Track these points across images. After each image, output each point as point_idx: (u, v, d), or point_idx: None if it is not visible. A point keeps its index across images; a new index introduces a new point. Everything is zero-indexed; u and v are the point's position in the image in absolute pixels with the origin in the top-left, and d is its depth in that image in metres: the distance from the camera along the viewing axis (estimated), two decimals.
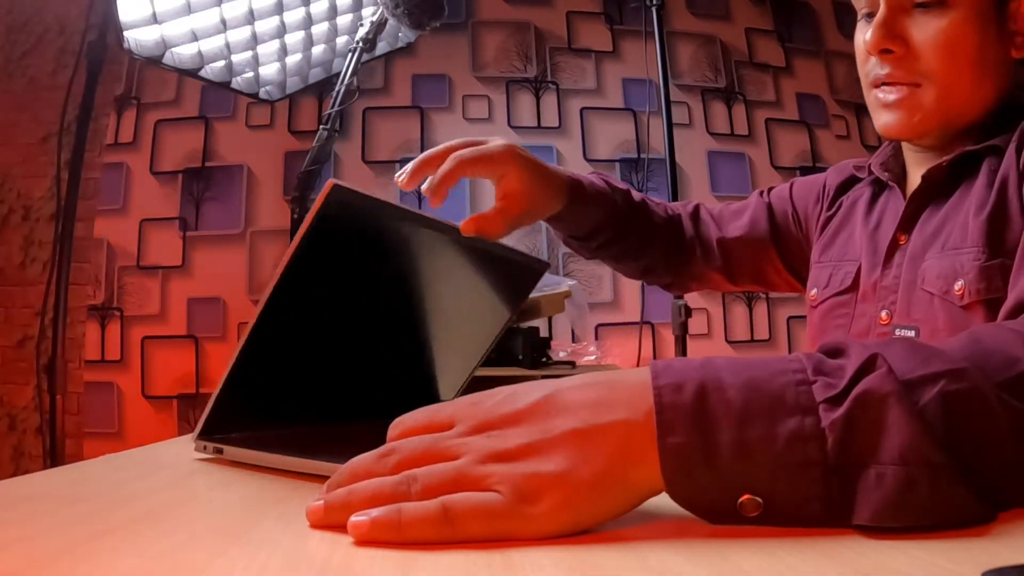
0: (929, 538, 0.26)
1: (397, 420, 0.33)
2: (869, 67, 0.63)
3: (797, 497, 0.27)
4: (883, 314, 0.66)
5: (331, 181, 0.43)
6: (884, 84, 0.61)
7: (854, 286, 0.71)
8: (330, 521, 0.28)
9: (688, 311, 1.33)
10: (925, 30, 0.57)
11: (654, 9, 1.38)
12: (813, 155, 2.44)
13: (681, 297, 1.35)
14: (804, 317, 0.86)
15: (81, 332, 2.13)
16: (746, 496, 0.27)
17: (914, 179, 0.67)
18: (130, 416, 2.10)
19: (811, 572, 0.23)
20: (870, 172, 0.74)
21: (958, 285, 0.57)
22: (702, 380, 0.28)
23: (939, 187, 0.64)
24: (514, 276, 0.68)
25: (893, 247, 0.67)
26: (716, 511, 0.28)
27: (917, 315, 0.62)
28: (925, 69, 0.58)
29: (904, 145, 0.71)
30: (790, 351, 2.33)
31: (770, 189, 0.87)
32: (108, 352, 2.13)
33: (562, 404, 0.30)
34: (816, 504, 0.27)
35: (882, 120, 0.63)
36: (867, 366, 0.28)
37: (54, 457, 1.99)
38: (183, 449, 0.49)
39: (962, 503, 0.27)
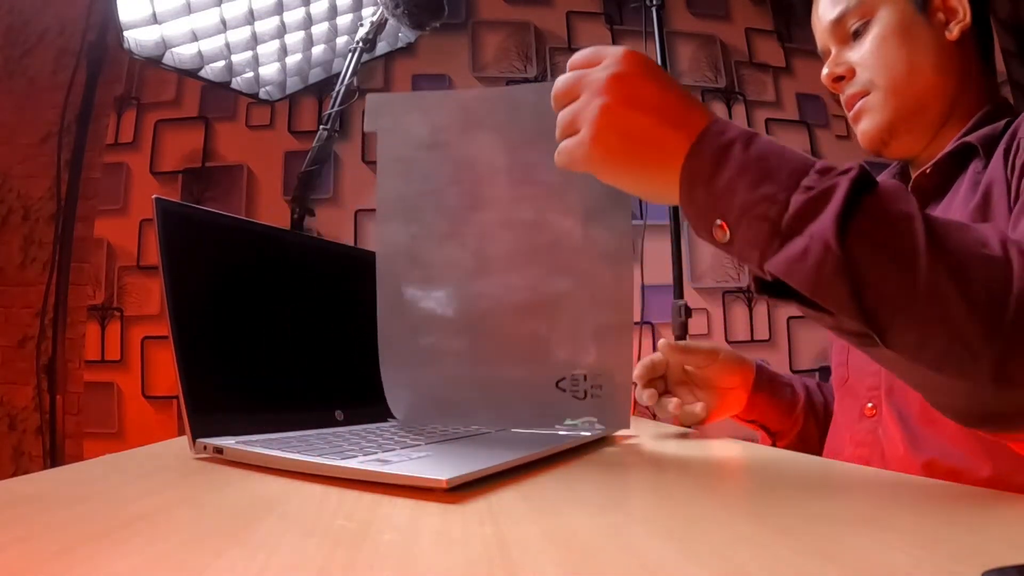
0: (929, 538, 0.26)
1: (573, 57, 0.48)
2: (842, 98, 0.74)
3: (748, 240, 0.37)
4: None
5: (153, 196, 0.51)
6: (850, 105, 0.72)
7: None
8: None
9: (688, 311, 1.32)
10: (860, 51, 0.70)
11: (654, 9, 1.37)
12: (813, 155, 2.43)
13: (681, 297, 1.35)
14: (803, 318, 0.85)
15: (81, 332, 2.13)
16: (721, 222, 0.38)
17: None
18: (130, 416, 2.10)
19: (811, 572, 0.23)
20: None
21: None
22: (736, 136, 0.38)
23: (930, 193, 0.68)
24: (373, 269, 0.74)
25: None
26: (699, 225, 0.39)
27: None
28: (868, 78, 0.70)
29: (910, 165, 0.75)
30: (790, 351, 2.33)
31: None
32: (108, 352, 2.13)
33: (643, 90, 0.42)
34: (756, 252, 0.36)
35: (858, 132, 0.73)
36: (849, 169, 0.35)
37: (54, 457, 1.99)
38: (183, 449, 0.49)
39: (846, 305, 0.33)
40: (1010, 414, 0.37)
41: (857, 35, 0.70)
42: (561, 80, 0.47)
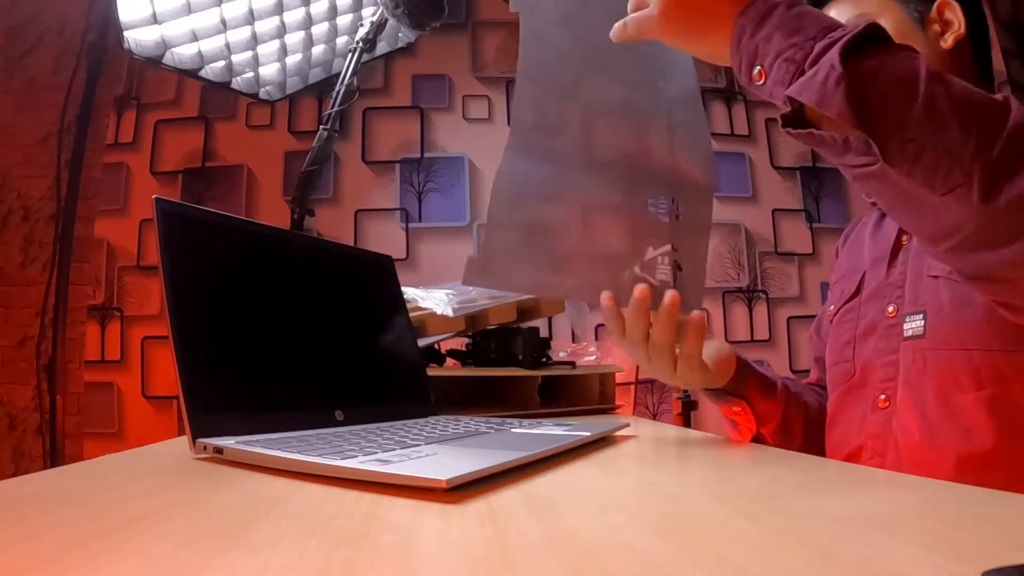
0: (929, 538, 0.26)
1: None
2: None
3: (777, 79, 0.45)
4: (890, 309, 0.71)
5: (153, 196, 0.52)
6: None
7: (858, 291, 0.77)
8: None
9: None
10: None
11: None
12: (813, 155, 2.44)
13: None
14: (803, 317, 0.88)
15: (81, 332, 2.13)
16: (760, 68, 0.45)
17: None
18: (130, 416, 2.10)
19: (811, 572, 0.23)
20: (873, 204, 0.81)
21: (935, 266, 0.65)
22: (784, 1, 0.46)
23: None
24: (372, 269, 0.78)
25: (897, 247, 0.73)
26: (743, 71, 0.47)
27: (924, 300, 0.67)
28: None
29: None
30: (790, 351, 2.33)
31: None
32: (108, 352, 2.13)
33: None
34: (781, 88, 0.44)
35: None
36: (872, 30, 0.42)
37: (54, 457, 1.99)
38: (183, 449, 0.49)
39: (841, 105, 0.40)
40: (992, 238, 0.40)
41: None
42: None
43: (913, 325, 0.67)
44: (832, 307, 0.81)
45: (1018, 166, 0.38)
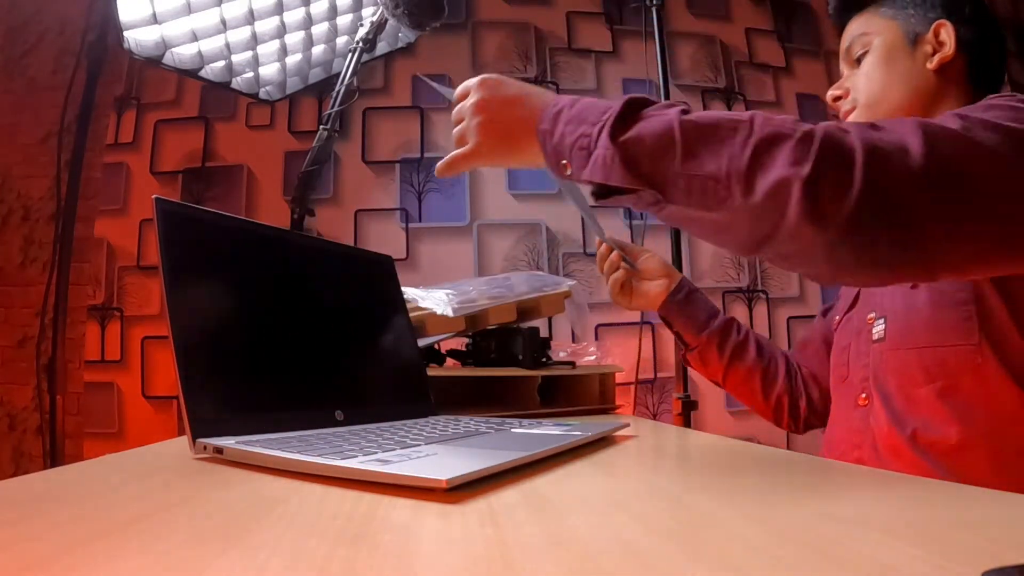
0: (929, 538, 0.26)
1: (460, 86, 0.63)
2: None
3: (578, 166, 0.52)
4: (869, 315, 0.79)
5: (153, 196, 0.53)
6: (845, 118, 0.81)
7: (855, 301, 0.84)
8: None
9: None
10: (858, 74, 0.80)
11: (654, 9, 1.37)
12: None
13: None
14: (803, 317, 0.93)
15: (81, 332, 2.13)
16: (565, 162, 0.53)
17: None
18: (130, 416, 2.10)
19: (811, 572, 0.23)
20: None
21: None
22: (564, 103, 0.55)
23: None
24: (372, 269, 0.79)
25: None
26: (555, 169, 0.54)
27: (885, 306, 0.76)
28: (854, 97, 0.80)
29: None
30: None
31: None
32: (108, 352, 2.13)
33: (500, 101, 0.59)
34: (582, 172, 0.52)
35: None
36: (624, 105, 0.51)
37: (54, 457, 1.99)
38: (183, 449, 0.49)
39: (624, 175, 0.49)
40: (770, 232, 0.46)
41: (858, 62, 0.80)
42: (454, 113, 0.62)
43: (878, 329, 0.76)
44: (837, 316, 0.88)
45: (765, 163, 0.45)
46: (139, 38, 0.94)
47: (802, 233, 0.45)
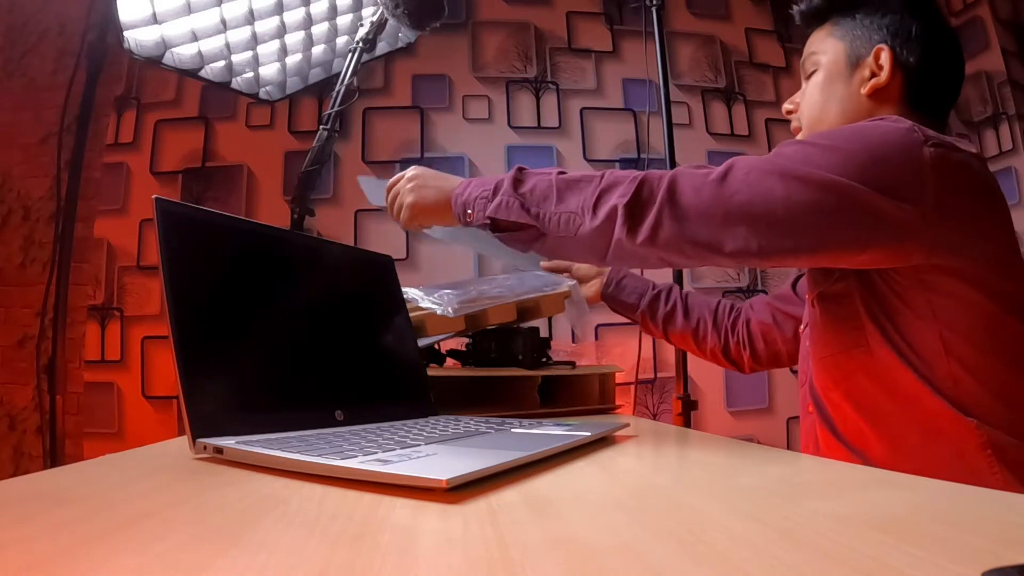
0: (929, 538, 0.26)
1: (393, 179, 0.85)
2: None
3: (479, 210, 0.72)
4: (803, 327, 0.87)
5: (153, 196, 0.53)
6: (794, 135, 0.85)
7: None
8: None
9: None
10: (804, 96, 0.84)
11: (654, 9, 1.37)
12: None
13: None
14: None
15: (81, 332, 2.13)
16: (469, 211, 0.72)
17: None
18: (130, 416, 2.10)
19: (811, 572, 0.23)
20: None
21: (807, 289, 0.81)
22: (471, 181, 0.75)
23: None
24: (373, 270, 0.80)
25: None
26: (461, 216, 0.74)
27: (806, 318, 0.84)
28: (801, 117, 0.84)
29: None
30: None
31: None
32: (108, 352, 2.13)
33: (422, 183, 0.80)
34: (482, 214, 0.71)
35: None
36: (516, 172, 0.71)
37: (54, 457, 1.99)
38: (183, 449, 0.49)
39: (520, 213, 0.69)
40: (607, 244, 0.65)
41: (810, 79, 0.84)
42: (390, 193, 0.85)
43: (807, 341, 0.83)
44: (804, 324, 0.95)
45: (604, 198, 0.64)
46: (139, 38, 0.94)
47: (629, 243, 0.63)
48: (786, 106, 0.87)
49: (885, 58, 0.76)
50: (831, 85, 0.80)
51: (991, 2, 2.49)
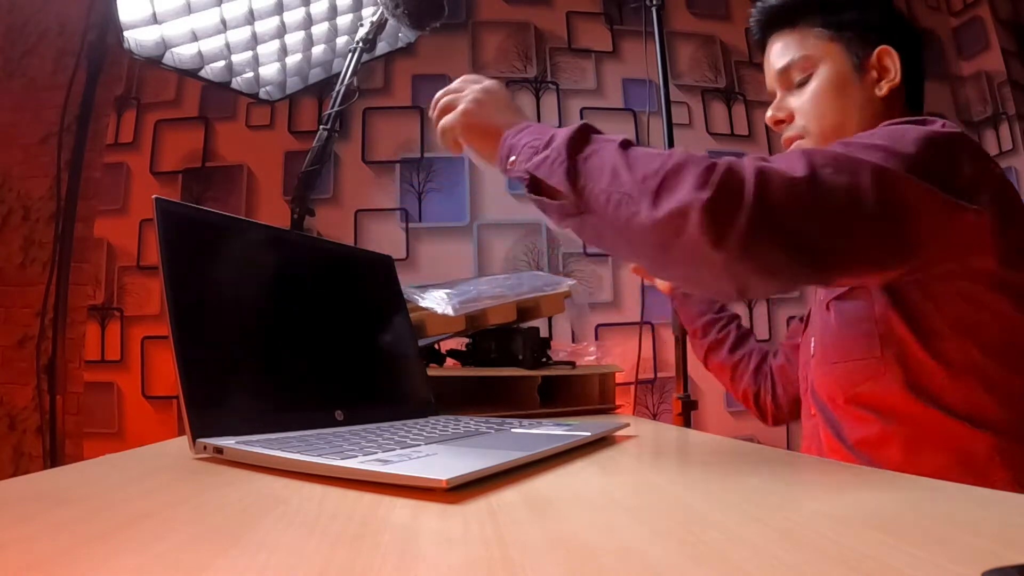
0: (929, 538, 0.26)
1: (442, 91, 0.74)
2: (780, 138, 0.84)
3: (523, 160, 0.59)
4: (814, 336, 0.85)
5: (153, 196, 0.53)
6: (786, 146, 0.80)
7: (810, 319, 0.90)
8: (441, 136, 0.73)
9: None
10: (799, 99, 0.79)
11: (654, 9, 1.37)
12: None
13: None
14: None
15: (81, 332, 2.13)
16: (513, 157, 0.61)
17: None
18: (130, 416, 2.10)
19: (811, 572, 0.23)
20: None
21: (822, 293, 0.80)
22: (531, 124, 0.64)
23: None
24: (372, 269, 0.79)
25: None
26: (503, 159, 0.63)
27: (816, 325, 0.81)
28: (803, 124, 0.79)
29: None
30: None
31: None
32: (108, 352, 2.13)
33: (488, 98, 0.70)
34: (524, 166, 0.59)
35: None
36: (583, 127, 0.58)
37: (54, 457, 1.99)
38: (183, 449, 0.49)
39: (561, 179, 0.55)
40: (667, 247, 0.51)
41: (801, 85, 0.79)
42: (456, 81, 0.75)
43: (812, 347, 0.81)
44: (804, 328, 0.93)
45: (672, 186, 0.50)
46: (139, 38, 0.94)
47: (703, 252, 0.49)
48: (774, 115, 0.82)
49: (892, 58, 0.75)
50: (844, 92, 0.76)
51: (991, 2, 2.49)
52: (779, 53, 0.81)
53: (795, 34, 0.80)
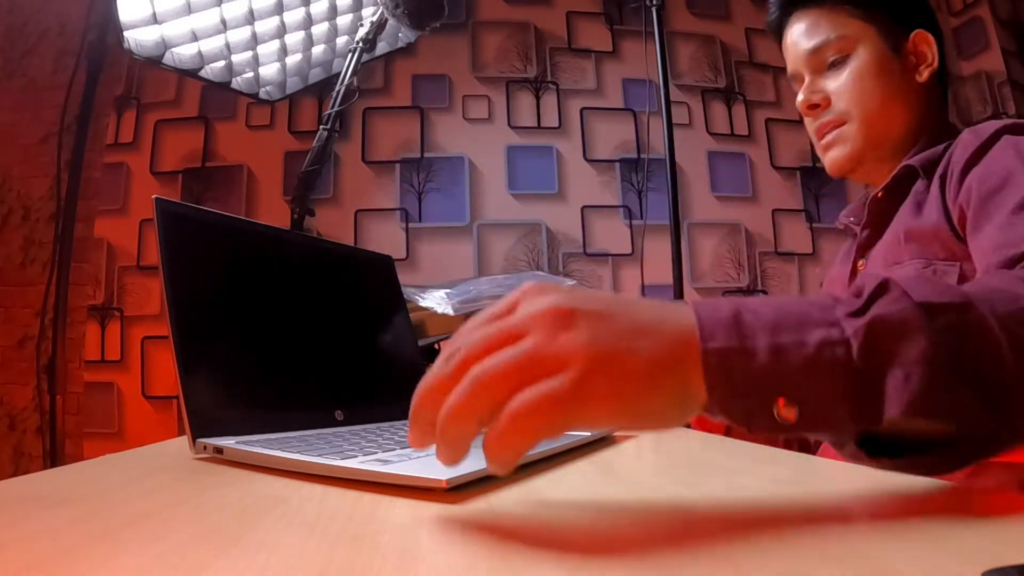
0: (929, 538, 0.26)
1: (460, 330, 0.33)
2: (810, 124, 0.78)
3: (828, 398, 0.29)
4: None
5: (153, 196, 0.52)
6: (822, 133, 0.76)
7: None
8: (419, 445, 0.31)
9: None
10: (837, 81, 0.74)
11: (654, 9, 1.37)
12: (813, 155, 2.44)
13: (681, 297, 1.36)
14: None
15: (81, 332, 2.13)
16: (781, 400, 0.29)
17: None
18: (130, 416, 2.10)
19: (810, 572, 0.23)
20: (845, 226, 0.86)
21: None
22: (736, 305, 0.31)
23: (884, 214, 0.74)
24: (372, 269, 0.79)
25: (854, 273, 0.78)
26: (754, 416, 0.29)
27: None
28: (844, 109, 0.74)
29: (868, 191, 0.81)
30: None
31: None
32: (108, 352, 2.13)
33: (618, 306, 0.31)
34: (845, 404, 0.29)
35: (827, 160, 0.78)
36: (881, 289, 0.30)
37: (54, 457, 1.99)
38: (183, 449, 0.49)
39: (972, 408, 0.29)
40: None
41: (833, 66, 0.74)
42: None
43: None
44: None
45: None
46: (139, 38, 0.94)
47: None
48: (809, 99, 0.75)
49: (929, 42, 0.72)
50: (886, 76, 0.72)
51: (991, 2, 2.49)
52: (807, 32, 0.75)
53: (824, 13, 0.74)
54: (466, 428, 0.29)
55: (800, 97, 0.77)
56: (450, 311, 0.91)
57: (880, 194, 0.74)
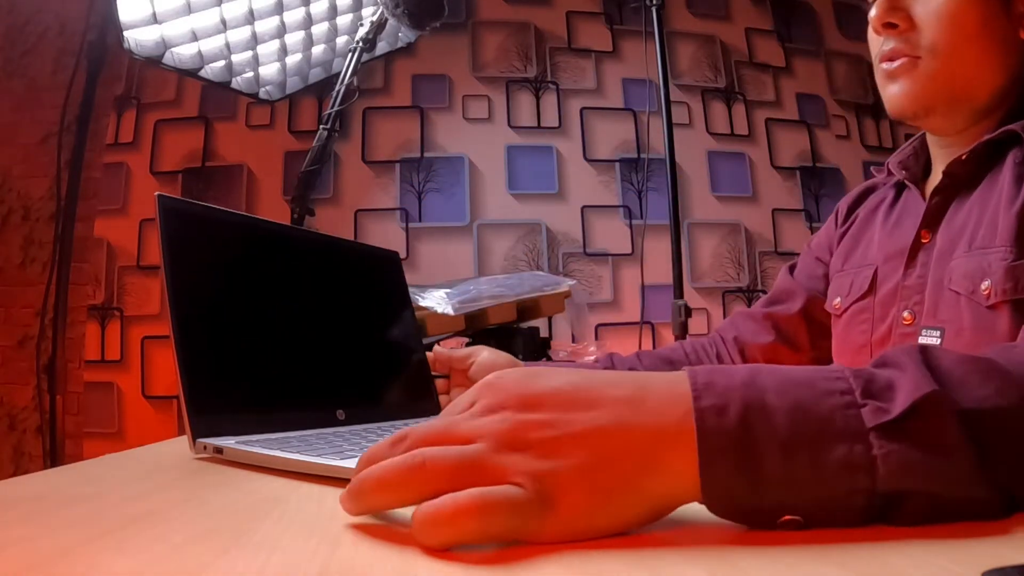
0: (929, 538, 0.26)
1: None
2: (877, 44, 0.65)
3: (839, 517, 0.27)
4: (905, 314, 0.65)
5: (156, 193, 0.52)
6: (888, 59, 0.63)
7: (871, 289, 0.71)
8: (354, 511, 0.29)
9: (688, 311, 1.32)
10: (927, 5, 0.60)
11: (654, 9, 1.37)
12: (813, 155, 2.44)
13: (681, 296, 1.35)
14: (792, 266, 0.91)
15: (81, 332, 2.13)
16: (787, 517, 0.27)
17: (938, 175, 0.66)
18: (130, 416, 2.10)
19: (810, 573, 0.23)
20: (889, 173, 0.75)
21: (984, 285, 0.56)
22: (746, 403, 0.27)
23: (963, 181, 0.63)
24: (378, 266, 0.78)
25: (916, 246, 0.66)
26: (755, 523, 0.28)
27: (944, 316, 0.61)
28: (927, 43, 0.60)
29: (929, 140, 0.70)
30: None
31: (792, 267, 0.90)
32: (108, 352, 2.13)
33: (588, 395, 0.28)
34: (857, 518, 0.27)
35: (887, 93, 0.64)
36: (921, 397, 0.26)
37: (54, 457, 1.99)
38: (183, 449, 0.49)
39: (992, 506, 0.27)
40: None
41: None
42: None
43: (929, 340, 0.61)
44: (839, 299, 0.76)
45: None
46: (139, 38, 0.94)
47: None
48: (887, 17, 0.61)
49: None
50: (988, 16, 0.59)
51: None
52: None
53: None
54: (388, 499, 0.28)
55: (874, 10, 0.62)
56: (450, 311, 0.91)
57: (965, 156, 0.61)
